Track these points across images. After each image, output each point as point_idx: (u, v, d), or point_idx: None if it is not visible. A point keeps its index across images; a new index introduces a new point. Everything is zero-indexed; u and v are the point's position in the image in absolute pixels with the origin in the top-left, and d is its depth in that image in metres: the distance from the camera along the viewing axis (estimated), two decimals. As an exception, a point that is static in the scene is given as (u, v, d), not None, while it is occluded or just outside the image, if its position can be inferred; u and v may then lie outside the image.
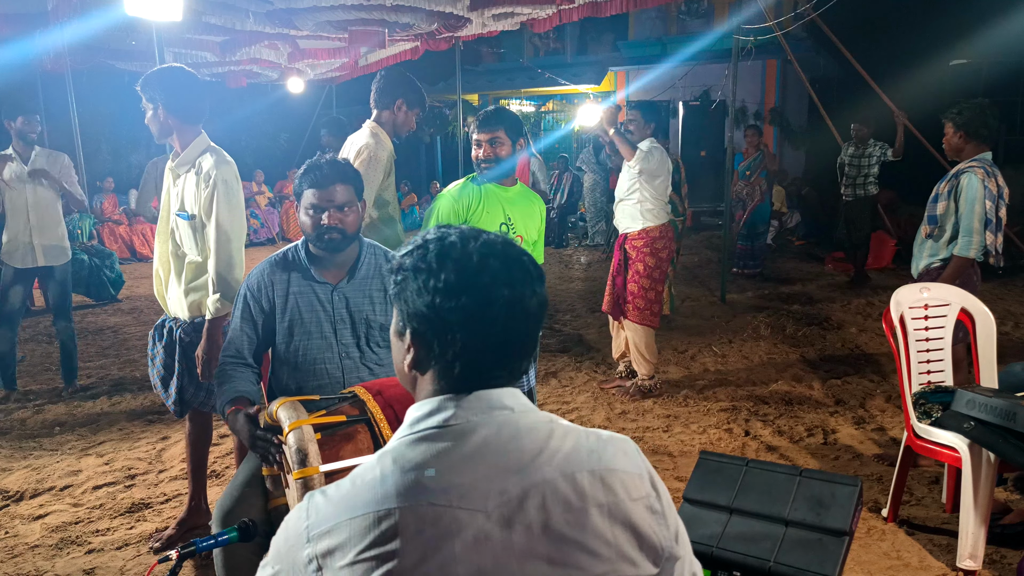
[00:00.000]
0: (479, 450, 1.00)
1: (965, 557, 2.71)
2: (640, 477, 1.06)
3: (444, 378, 1.05)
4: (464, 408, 1.02)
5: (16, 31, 5.68)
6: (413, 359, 1.06)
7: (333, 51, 7.61)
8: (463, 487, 0.97)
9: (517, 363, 1.07)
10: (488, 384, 1.05)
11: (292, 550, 0.99)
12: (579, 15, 6.02)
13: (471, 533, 0.95)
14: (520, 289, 1.04)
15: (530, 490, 0.98)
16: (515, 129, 3.01)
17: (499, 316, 1.02)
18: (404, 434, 1.04)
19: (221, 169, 2.82)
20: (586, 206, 11.64)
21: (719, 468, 2.44)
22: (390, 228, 3.36)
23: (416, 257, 1.05)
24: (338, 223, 2.26)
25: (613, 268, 4.90)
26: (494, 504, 0.97)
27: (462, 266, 1.02)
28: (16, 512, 3.44)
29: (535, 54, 17.39)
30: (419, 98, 3.42)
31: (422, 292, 1.02)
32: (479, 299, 1.01)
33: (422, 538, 0.93)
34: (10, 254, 4.91)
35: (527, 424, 1.04)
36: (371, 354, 2.38)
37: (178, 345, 3.01)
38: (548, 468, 1.00)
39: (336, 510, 0.97)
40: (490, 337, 1.02)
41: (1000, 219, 3.52)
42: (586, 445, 1.05)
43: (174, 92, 2.85)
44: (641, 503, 1.04)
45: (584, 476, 1.01)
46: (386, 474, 0.98)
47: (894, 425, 4.25)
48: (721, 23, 13.00)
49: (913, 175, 8.41)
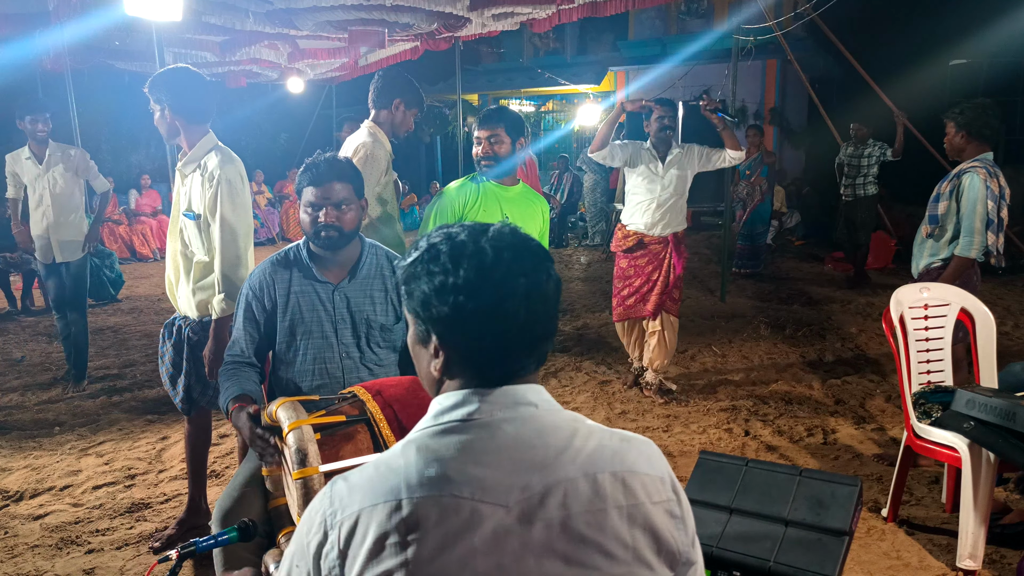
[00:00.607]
0: (503, 445, 1.00)
1: (965, 557, 2.71)
2: (662, 481, 1.06)
3: (472, 372, 1.05)
4: (489, 403, 1.03)
5: (16, 31, 5.67)
6: (444, 364, 1.06)
7: (333, 51, 7.60)
8: (485, 481, 0.97)
9: (543, 347, 1.08)
10: (517, 374, 1.06)
11: (314, 536, 1.00)
12: (579, 15, 6.01)
13: (491, 527, 0.95)
14: (536, 275, 1.05)
15: (552, 487, 0.99)
16: (515, 128, 3.00)
17: (521, 305, 1.03)
18: (428, 425, 1.05)
19: (225, 168, 2.82)
20: (586, 206, 11.64)
21: (719, 468, 2.44)
22: (389, 227, 3.36)
23: (427, 262, 1.05)
24: (335, 220, 2.26)
25: (652, 270, 4.61)
26: (515, 499, 0.97)
27: (479, 262, 1.02)
28: (16, 512, 3.44)
29: (535, 54, 17.39)
30: (417, 98, 3.42)
31: (442, 295, 1.02)
32: (501, 292, 1.02)
33: (442, 529, 0.94)
34: (39, 250, 5.10)
35: (551, 422, 1.04)
36: (371, 354, 2.38)
37: (186, 344, 3.03)
38: (571, 467, 1.00)
39: (359, 497, 0.98)
40: (515, 327, 1.03)
41: (1002, 219, 3.52)
42: (609, 446, 1.05)
43: (179, 93, 2.87)
44: (661, 507, 1.04)
45: (606, 477, 1.01)
46: (410, 464, 0.99)
47: (894, 425, 4.25)
48: (721, 23, 13.00)
49: (913, 175, 8.41)
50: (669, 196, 4.52)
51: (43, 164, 4.99)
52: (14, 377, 5.48)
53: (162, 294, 8.62)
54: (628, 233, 4.66)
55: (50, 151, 5.00)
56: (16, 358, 5.99)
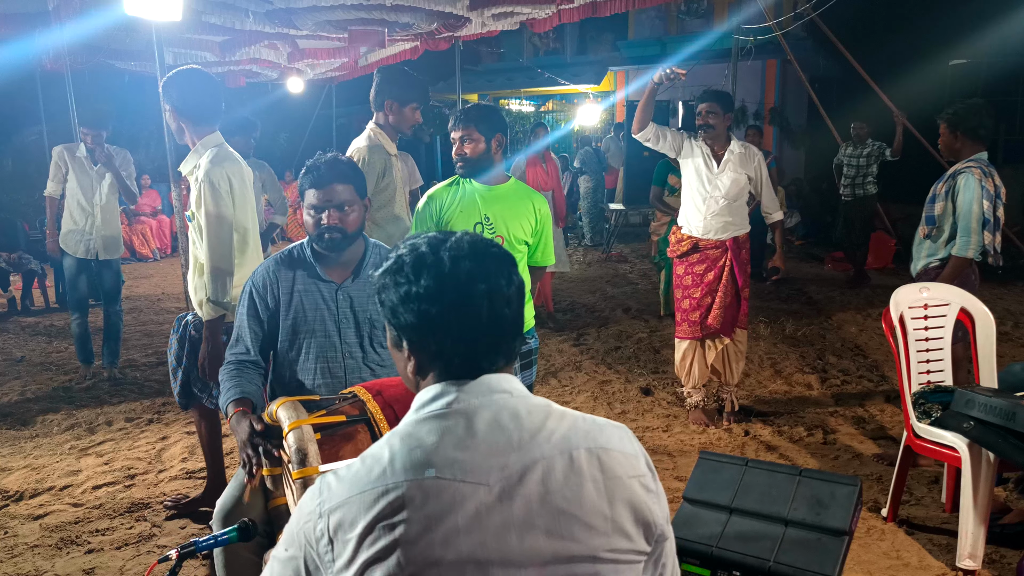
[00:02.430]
0: (481, 429, 1.06)
1: (965, 557, 2.71)
2: (636, 457, 1.12)
3: (446, 370, 1.11)
4: (466, 392, 1.09)
5: (16, 31, 5.68)
6: (416, 366, 1.13)
7: (333, 51, 7.60)
8: (466, 463, 1.03)
9: (510, 345, 1.14)
10: (487, 370, 1.11)
11: (305, 526, 1.05)
12: (579, 15, 6.01)
13: (473, 506, 1.01)
14: (495, 280, 1.11)
15: (530, 466, 1.04)
16: (490, 126, 2.87)
17: (482, 308, 1.09)
18: (411, 417, 1.11)
19: (211, 169, 2.83)
20: (585, 207, 11.64)
21: (719, 468, 2.44)
22: (392, 227, 3.36)
23: (393, 273, 1.12)
24: (338, 222, 2.26)
25: (712, 279, 4.19)
26: (495, 479, 1.02)
27: (437, 272, 1.09)
28: (16, 512, 3.44)
29: (535, 54, 17.40)
30: (408, 93, 3.34)
31: (407, 303, 1.09)
32: (460, 298, 1.08)
33: (426, 510, 0.99)
34: (75, 245, 5.23)
35: (526, 406, 1.10)
36: (374, 355, 2.38)
37: (188, 339, 3.09)
38: (547, 446, 1.06)
39: (347, 487, 1.03)
40: (479, 328, 1.09)
41: (998, 219, 3.52)
42: (583, 426, 1.11)
43: (184, 94, 2.90)
44: (636, 481, 1.10)
45: (581, 453, 1.07)
46: (394, 452, 1.04)
47: (894, 425, 4.25)
48: (721, 23, 12.99)
49: (913, 175, 8.41)
50: (723, 198, 4.11)
51: (97, 164, 5.22)
52: (14, 377, 5.48)
53: (162, 294, 8.62)
54: (682, 237, 4.27)
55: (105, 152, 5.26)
56: (16, 358, 5.99)
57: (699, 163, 4.14)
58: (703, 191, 4.14)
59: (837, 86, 11.97)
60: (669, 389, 4.93)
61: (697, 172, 4.16)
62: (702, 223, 4.17)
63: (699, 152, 4.15)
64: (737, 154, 4.11)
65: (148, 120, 12.78)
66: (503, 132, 2.94)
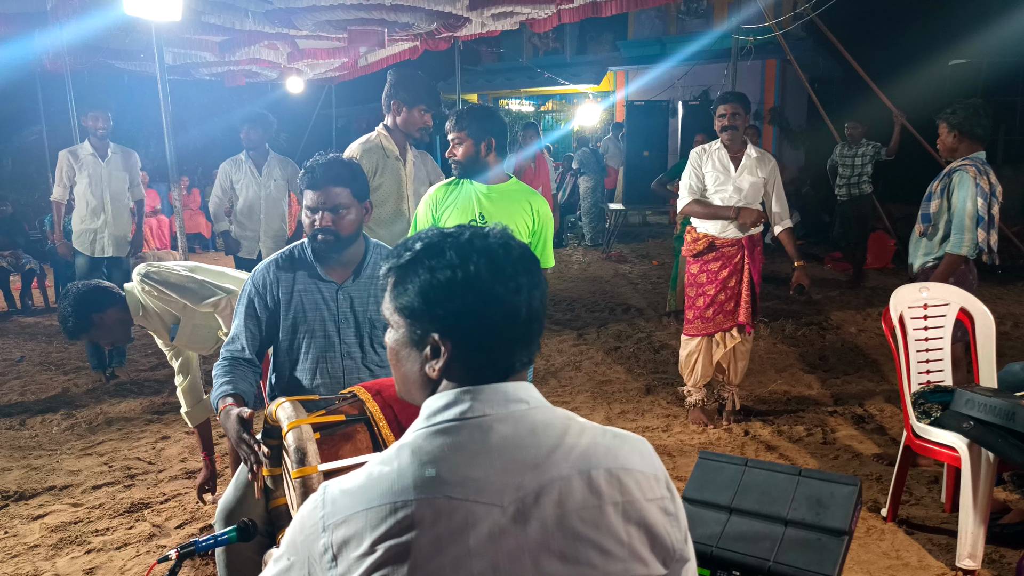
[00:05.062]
0: (496, 445, 1.00)
1: (964, 556, 2.71)
2: (656, 479, 1.07)
3: (468, 371, 1.04)
4: (481, 401, 1.02)
5: (16, 31, 5.68)
6: (444, 364, 1.04)
7: (332, 51, 7.61)
8: (480, 481, 0.97)
9: (535, 345, 1.09)
10: (509, 372, 1.05)
11: (308, 540, 1.00)
12: (579, 15, 6.02)
13: (486, 527, 0.95)
14: (535, 275, 1.06)
15: (546, 486, 0.98)
16: (480, 128, 2.87)
17: (523, 302, 1.03)
18: (421, 426, 1.04)
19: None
20: (585, 207, 11.64)
21: (719, 468, 2.43)
22: (388, 228, 3.36)
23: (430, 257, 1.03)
24: (331, 224, 2.24)
25: (727, 276, 4.17)
26: (510, 499, 0.97)
27: (491, 258, 1.02)
28: (16, 512, 3.44)
29: (534, 54, 17.39)
30: (415, 96, 3.34)
31: (450, 290, 1.01)
32: (513, 285, 1.02)
33: (437, 530, 0.94)
34: (89, 244, 5.29)
35: (543, 419, 1.04)
36: (373, 355, 2.38)
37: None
38: (564, 465, 1.00)
39: (353, 501, 0.98)
40: (520, 323, 1.04)
41: (993, 216, 3.53)
42: (602, 443, 1.05)
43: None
44: (655, 504, 1.04)
45: (600, 474, 1.01)
46: (403, 466, 0.98)
47: (894, 425, 4.25)
48: (720, 23, 13.01)
49: (912, 174, 8.41)
50: (743, 200, 4.11)
51: (105, 161, 5.26)
52: (14, 377, 5.48)
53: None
54: (698, 236, 4.24)
55: (111, 149, 5.32)
56: (16, 358, 5.99)
57: (717, 167, 4.18)
58: (720, 192, 4.16)
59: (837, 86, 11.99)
60: (669, 389, 4.93)
61: (716, 173, 4.18)
62: (720, 223, 4.17)
63: (715, 157, 4.19)
64: (755, 158, 4.17)
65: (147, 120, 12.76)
66: (497, 134, 2.92)
